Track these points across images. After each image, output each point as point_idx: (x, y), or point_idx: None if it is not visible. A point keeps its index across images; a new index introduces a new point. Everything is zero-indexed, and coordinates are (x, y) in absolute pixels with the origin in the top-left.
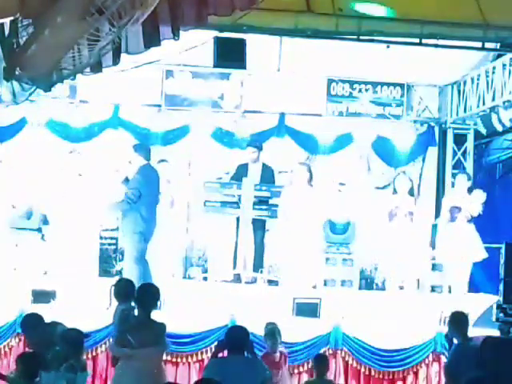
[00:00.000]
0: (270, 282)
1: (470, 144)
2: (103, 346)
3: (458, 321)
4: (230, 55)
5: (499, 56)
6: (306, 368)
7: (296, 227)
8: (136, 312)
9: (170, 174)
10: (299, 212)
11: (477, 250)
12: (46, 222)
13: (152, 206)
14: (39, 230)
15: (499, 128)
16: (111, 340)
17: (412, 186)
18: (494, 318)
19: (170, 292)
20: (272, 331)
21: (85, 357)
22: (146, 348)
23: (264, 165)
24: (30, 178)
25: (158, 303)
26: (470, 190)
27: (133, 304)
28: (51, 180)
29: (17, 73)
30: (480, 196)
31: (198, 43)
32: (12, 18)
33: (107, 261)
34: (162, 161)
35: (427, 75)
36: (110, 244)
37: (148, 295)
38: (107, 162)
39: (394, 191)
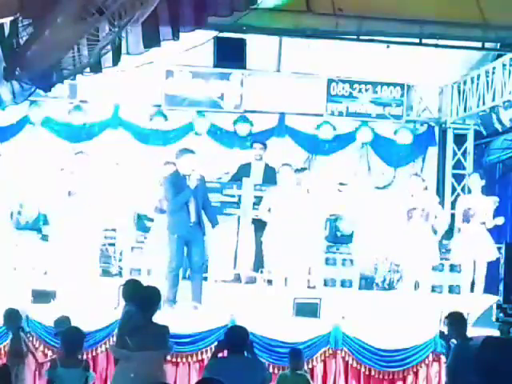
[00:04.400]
0: (270, 282)
1: (470, 144)
2: (103, 345)
3: (456, 321)
4: (230, 55)
5: (499, 56)
6: (305, 368)
7: (296, 227)
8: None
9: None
10: (299, 212)
11: (490, 250)
12: (46, 221)
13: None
14: (39, 230)
15: (499, 128)
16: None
17: (426, 187)
18: (494, 318)
19: None
20: None
21: (84, 356)
22: (144, 351)
23: (267, 165)
24: (30, 178)
25: (160, 305)
26: (482, 190)
27: None
28: (51, 180)
29: (17, 73)
30: (493, 201)
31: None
32: (12, 17)
33: (107, 261)
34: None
35: (427, 75)
36: (110, 244)
37: (148, 298)
38: (107, 162)
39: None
